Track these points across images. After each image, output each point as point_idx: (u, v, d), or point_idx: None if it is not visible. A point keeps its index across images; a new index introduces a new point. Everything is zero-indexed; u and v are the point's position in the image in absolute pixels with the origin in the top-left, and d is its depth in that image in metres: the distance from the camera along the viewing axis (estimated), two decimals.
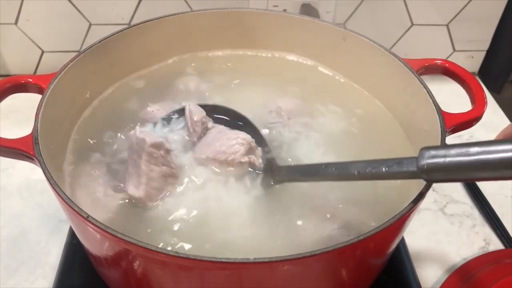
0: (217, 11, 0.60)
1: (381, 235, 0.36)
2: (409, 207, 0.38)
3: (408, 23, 0.81)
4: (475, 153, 0.31)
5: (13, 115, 0.73)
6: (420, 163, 0.34)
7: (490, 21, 0.82)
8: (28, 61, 0.82)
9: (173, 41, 0.60)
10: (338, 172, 0.41)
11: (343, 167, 0.41)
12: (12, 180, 0.66)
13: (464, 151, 0.32)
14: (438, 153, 0.33)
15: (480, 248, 0.61)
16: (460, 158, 0.32)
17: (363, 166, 0.38)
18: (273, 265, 0.34)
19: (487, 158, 0.31)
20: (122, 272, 0.42)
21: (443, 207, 0.65)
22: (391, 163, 0.37)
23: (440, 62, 0.52)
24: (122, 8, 0.76)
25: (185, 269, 0.37)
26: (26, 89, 0.49)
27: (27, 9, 0.75)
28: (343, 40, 0.57)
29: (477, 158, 0.31)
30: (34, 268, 0.56)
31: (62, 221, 0.61)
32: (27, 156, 0.42)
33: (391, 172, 0.37)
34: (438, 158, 0.33)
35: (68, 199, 0.37)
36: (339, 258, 0.38)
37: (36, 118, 0.44)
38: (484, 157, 0.31)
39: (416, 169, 0.34)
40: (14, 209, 0.62)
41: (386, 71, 0.54)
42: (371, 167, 0.38)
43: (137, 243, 0.34)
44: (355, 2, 0.78)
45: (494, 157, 0.31)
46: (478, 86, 0.49)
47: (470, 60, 0.87)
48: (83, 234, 0.44)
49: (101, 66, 0.55)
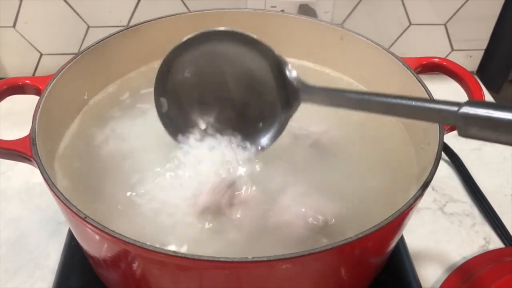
0: (215, 12, 0.60)
1: (380, 233, 0.36)
2: (407, 205, 0.38)
3: (406, 22, 0.81)
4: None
5: (11, 117, 0.73)
6: (461, 110, 0.33)
7: (488, 20, 0.82)
8: (27, 64, 0.82)
9: (171, 42, 0.60)
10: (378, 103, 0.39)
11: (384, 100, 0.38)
12: (11, 183, 0.66)
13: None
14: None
15: (480, 247, 0.60)
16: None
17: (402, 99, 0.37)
18: (272, 264, 0.34)
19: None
20: (120, 273, 0.42)
21: (443, 206, 0.65)
22: (432, 101, 0.36)
23: (438, 60, 0.52)
24: (120, 11, 0.77)
25: (184, 269, 0.36)
26: (23, 90, 0.49)
27: (25, 12, 0.75)
28: (341, 39, 0.57)
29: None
30: (33, 271, 0.56)
31: (61, 223, 0.61)
32: (25, 158, 0.42)
33: (428, 108, 0.36)
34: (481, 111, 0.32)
35: (65, 199, 0.37)
36: (337, 257, 0.38)
37: (34, 119, 0.44)
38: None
39: (456, 111, 0.33)
40: (14, 212, 0.62)
41: (383, 70, 0.54)
42: (412, 100, 0.36)
43: (134, 243, 0.34)
44: (353, 2, 0.78)
45: None
46: (476, 83, 0.49)
47: (468, 59, 0.87)
48: (81, 235, 0.44)
49: (98, 67, 0.55)
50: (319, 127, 0.53)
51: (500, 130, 0.32)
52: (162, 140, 0.51)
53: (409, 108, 0.36)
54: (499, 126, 0.32)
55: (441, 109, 0.35)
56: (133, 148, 0.51)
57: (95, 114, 0.55)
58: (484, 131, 0.33)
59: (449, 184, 0.68)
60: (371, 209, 0.45)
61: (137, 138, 0.52)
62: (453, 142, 0.72)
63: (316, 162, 0.50)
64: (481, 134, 0.33)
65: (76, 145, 0.51)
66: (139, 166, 0.49)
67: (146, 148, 0.50)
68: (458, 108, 0.33)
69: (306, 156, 0.50)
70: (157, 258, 0.35)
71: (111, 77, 0.58)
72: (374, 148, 0.52)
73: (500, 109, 0.32)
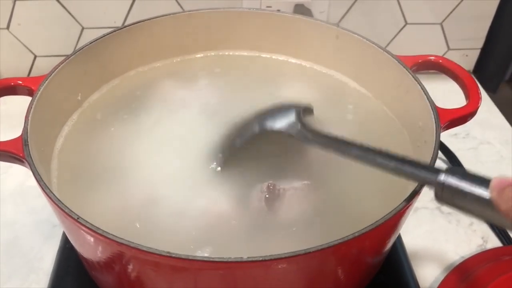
0: (209, 11, 0.60)
1: (376, 232, 0.36)
2: (404, 203, 0.38)
3: (402, 22, 0.81)
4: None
5: (6, 120, 0.73)
6: (440, 178, 0.34)
7: (484, 19, 0.82)
8: (21, 66, 0.81)
9: (165, 42, 0.60)
10: (361, 156, 0.40)
11: (366, 154, 0.40)
12: (6, 186, 0.65)
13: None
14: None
15: (478, 246, 0.60)
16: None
17: (387, 158, 0.38)
18: (267, 263, 0.34)
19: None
20: (114, 274, 0.42)
21: (440, 206, 0.65)
22: (415, 165, 0.37)
23: (433, 58, 0.52)
24: (114, 12, 0.76)
25: (178, 270, 0.36)
26: (16, 91, 0.48)
27: (19, 14, 0.75)
28: (336, 38, 0.57)
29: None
30: (27, 275, 0.55)
31: (55, 226, 0.60)
32: (17, 159, 0.42)
33: (411, 174, 0.37)
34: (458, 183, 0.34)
35: (58, 200, 0.37)
36: (334, 256, 0.37)
37: (26, 120, 0.44)
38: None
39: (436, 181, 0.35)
40: (8, 215, 0.62)
41: (379, 68, 0.54)
42: (397, 162, 0.38)
43: (128, 244, 0.34)
44: (349, 2, 0.78)
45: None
46: (472, 81, 0.49)
47: (465, 58, 0.87)
48: (74, 237, 0.43)
49: (92, 68, 0.54)
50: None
51: (468, 202, 0.33)
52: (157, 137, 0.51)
53: (394, 169, 0.38)
54: (467, 198, 0.33)
55: (422, 176, 0.36)
56: (128, 148, 0.50)
57: (89, 115, 0.54)
58: (455, 200, 0.34)
59: None
60: (367, 208, 0.45)
61: (132, 138, 0.51)
62: (451, 141, 0.72)
63: (312, 160, 0.49)
64: (452, 202, 0.34)
65: (71, 146, 0.51)
66: (137, 166, 0.49)
67: (139, 148, 0.50)
68: (437, 175, 0.35)
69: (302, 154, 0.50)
70: (150, 259, 0.35)
71: (105, 77, 0.57)
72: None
73: (472, 182, 0.33)
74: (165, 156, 0.50)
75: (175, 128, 0.53)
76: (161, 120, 0.54)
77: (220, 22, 0.61)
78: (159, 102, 0.56)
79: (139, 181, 0.47)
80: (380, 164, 0.38)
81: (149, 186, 0.47)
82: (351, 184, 0.48)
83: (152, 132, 0.52)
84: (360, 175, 0.48)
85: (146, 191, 0.46)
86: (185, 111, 0.55)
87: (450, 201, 0.34)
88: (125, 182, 0.47)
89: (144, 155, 0.50)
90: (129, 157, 0.49)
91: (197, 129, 0.52)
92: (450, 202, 0.34)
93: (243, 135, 0.49)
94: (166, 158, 0.49)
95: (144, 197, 0.46)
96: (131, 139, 0.51)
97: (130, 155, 0.50)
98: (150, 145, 0.51)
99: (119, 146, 0.50)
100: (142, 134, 0.52)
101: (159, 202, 0.45)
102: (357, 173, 0.48)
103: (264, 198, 0.45)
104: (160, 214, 0.44)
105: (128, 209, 0.45)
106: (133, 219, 0.44)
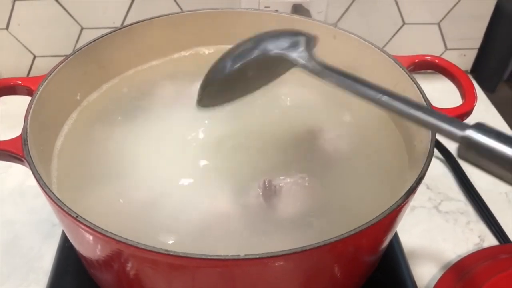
0: (208, 12, 0.60)
1: (373, 230, 0.36)
2: (400, 201, 0.38)
3: (399, 22, 0.82)
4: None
5: (6, 120, 0.73)
6: (466, 133, 0.31)
7: (481, 19, 0.82)
8: (20, 66, 0.81)
9: (164, 42, 0.60)
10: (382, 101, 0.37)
11: (390, 101, 0.36)
12: (5, 186, 0.66)
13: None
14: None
15: (475, 245, 0.61)
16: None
17: (408, 105, 0.35)
18: (264, 261, 0.34)
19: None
20: (113, 272, 0.42)
21: (438, 205, 0.65)
22: (438, 116, 0.34)
23: (430, 58, 0.52)
24: (113, 12, 0.76)
25: (176, 268, 0.36)
26: (15, 91, 0.48)
27: (18, 14, 0.75)
28: (333, 38, 0.57)
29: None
30: (27, 274, 0.56)
31: (55, 225, 0.61)
32: (17, 158, 0.42)
33: (433, 125, 0.34)
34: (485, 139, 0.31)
35: (57, 199, 0.37)
36: (330, 254, 0.38)
37: (26, 120, 0.44)
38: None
39: (461, 136, 0.32)
40: (7, 215, 0.62)
41: (376, 68, 0.54)
42: (416, 110, 0.35)
43: (126, 241, 0.34)
44: (347, 2, 0.78)
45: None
46: (468, 80, 0.49)
47: (462, 58, 0.87)
48: (73, 235, 0.43)
49: (91, 67, 0.55)
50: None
51: (496, 162, 0.30)
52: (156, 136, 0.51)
53: (413, 117, 0.35)
54: (495, 158, 0.30)
55: (445, 129, 0.33)
56: (127, 147, 0.51)
57: (89, 114, 0.54)
58: (481, 159, 0.31)
59: (443, 183, 0.68)
60: (364, 206, 0.45)
61: (131, 137, 0.52)
62: (448, 141, 0.72)
63: (309, 159, 0.50)
64: (477, 161, 0.32)
65: (71, 146, 0.51)
66: (136, 165, 0.49)
67: (139, 147, 0.50)
68: (463, 130, 0.32)
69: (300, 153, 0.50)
70: (149, 257, 0.35)
71: (104, 77, 0.57)
72: (366, 146, 0.52)
73: (504, 140, 0.30)
74: (164, 154, 0.50)
75: (174, 127, 0.53)
76: (160, 119, 0.54)
77: (219, 23, 0.61)
78: (159, 101, 0.56)
79: (138, 180, 0.47)
80: (400, 111, 0.35)
81: (148, 185, 0.47)
82: (349, 181, 0.48)
83: (151, 131, 0.52)
84: (359, 171, 0.49)
85: (146, 190, 0.46)
86: (184, 110, 0.55)
87: (474, 160, 0.31)
88: (124, 182, 0.47)
89: (143, 154, 0.50)
90: (128, 156, 0.50)
91: (196, 128, 0.53)
92: (474, 160, 0.31)
93: (236, 57, 0.42)
94: (165, 156, 0.50)
95: (143, 196, 0.46)
96: (131, 138, 0.51)
97: (130, 154, 0.50)
98: (149, 144, 0.51)
99: (118, 145, 0.51)
100: (141, 133, 0.52)
101: (158, 201, 0.45)
102: (355, 170, 0.49)
103: (260, 195, 0.45)
104: (159, 213, 0.44)
105: (128, 209, 0.45)
106: (132, 218, 0.44)
